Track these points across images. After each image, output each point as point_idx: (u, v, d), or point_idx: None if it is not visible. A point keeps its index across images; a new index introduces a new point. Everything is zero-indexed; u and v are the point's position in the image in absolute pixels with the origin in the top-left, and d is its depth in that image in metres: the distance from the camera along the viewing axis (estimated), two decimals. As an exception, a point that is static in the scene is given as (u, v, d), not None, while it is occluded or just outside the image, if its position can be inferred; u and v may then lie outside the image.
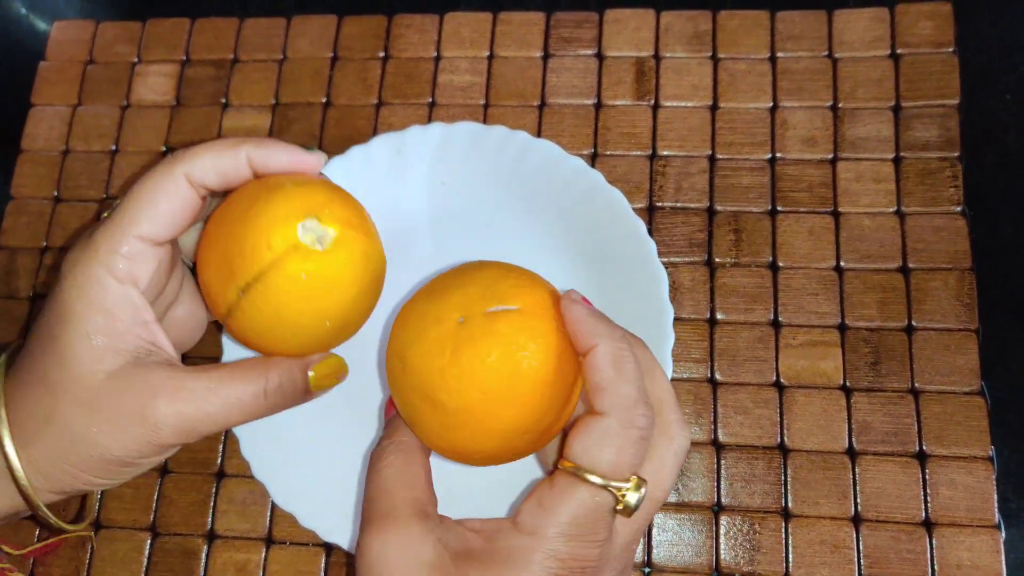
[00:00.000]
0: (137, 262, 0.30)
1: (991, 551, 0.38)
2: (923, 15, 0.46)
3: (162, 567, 0.41)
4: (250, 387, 0.31)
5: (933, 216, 0.43)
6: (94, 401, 0.29)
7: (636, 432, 0.28)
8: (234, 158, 0.31)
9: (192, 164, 0.30)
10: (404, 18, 0.50)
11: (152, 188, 0.30)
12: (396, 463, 0.31)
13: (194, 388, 0.30)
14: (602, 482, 0.27)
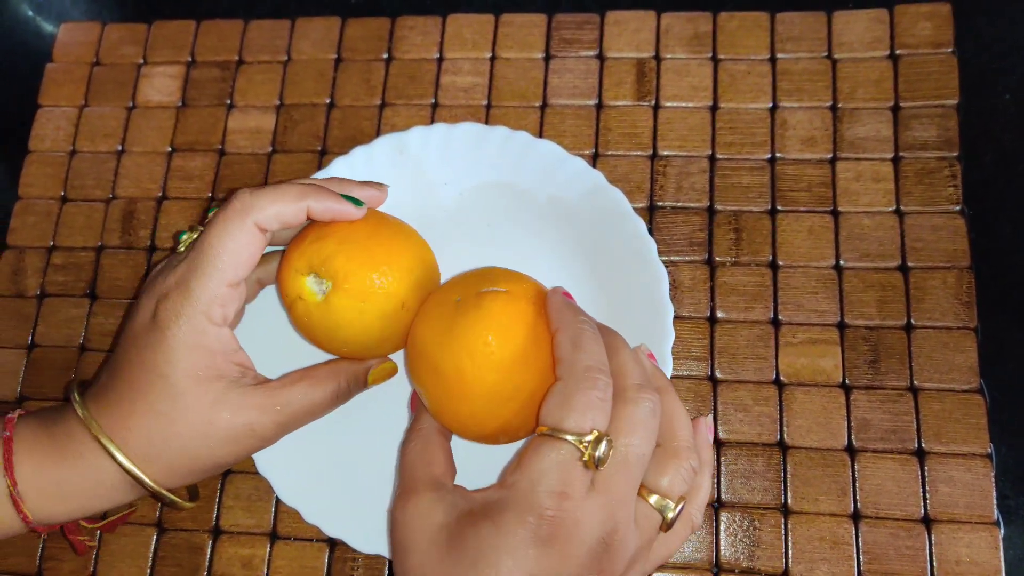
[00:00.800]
0: (228, 306, 0.35)
1: (990, 547, 0.38)
2: (922, 16, 0.46)
3: (169, 562, 0.42)
4: (329, 389, 0.37)
5: (932, 215, 0.43)
6: (208, 427, 0.35)
7: (590, 393, 0.31)
8: (296, 210, 0.35)
9: (262, 215, 0.35)
10: (407, 20, 0.50)
11: (231, 238, 0.35)
12: (417, 446, 0.35)
13: (288, 401, 0.36)
14: (561, 436, 0.30)
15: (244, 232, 0.35)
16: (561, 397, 0.31)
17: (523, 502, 0.30)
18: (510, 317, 0.34)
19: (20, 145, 0.51)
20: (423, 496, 0.33)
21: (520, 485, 0.30)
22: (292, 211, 0.35)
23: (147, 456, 0.34)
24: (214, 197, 0.48)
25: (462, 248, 0.43)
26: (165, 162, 0.49)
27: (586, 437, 0.30)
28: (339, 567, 0.41)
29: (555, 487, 0.30)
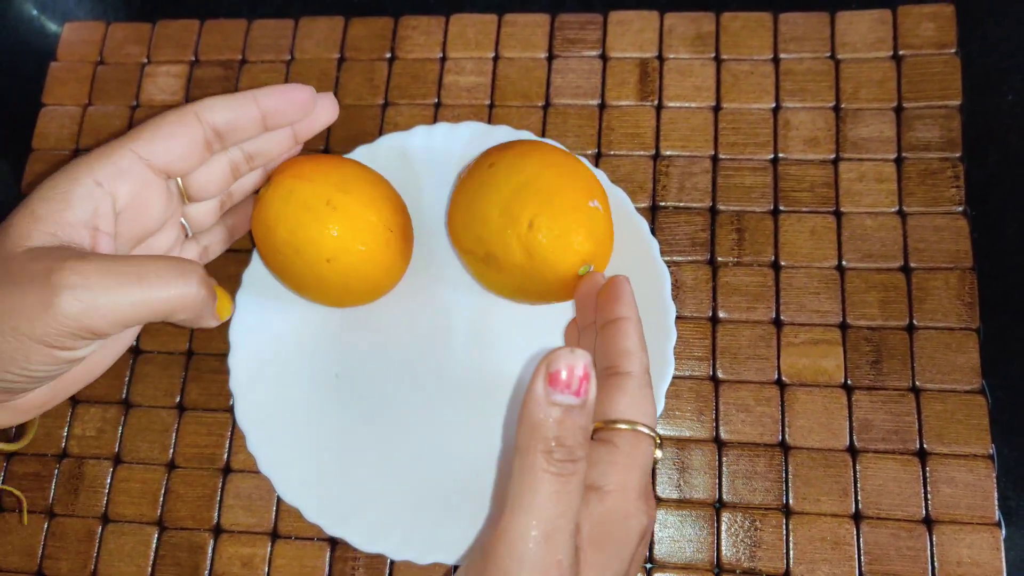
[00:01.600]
0: (123, 177, 0.32)
1: (991, 548, 0.38)
2: (925, 17, 0.46)
3: (169, 561, 0.42)
4: (175, 290, 0.31)
5: (934, 216, 0.43)
6: (6, 269, 0.29)
7: (651, 396, 0.32)
8: (247, 109, 0.34)
9: (205, 106, 0.33)
10: (410, 20, 0.50)
11: (162, 120, 0.33)
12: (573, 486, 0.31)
13: (112, 267, 0.30)
14: (651, 432, 0.31)
15: (182, 121, 0.33)
16: (641, 395, 0.32)
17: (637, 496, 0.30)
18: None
19: (24, 143, 0.51)
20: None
21: (632, 483, 0.30)
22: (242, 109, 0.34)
23: None
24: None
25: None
26: (168, 161, 0.49)
27: (659, 441, 0.32)
28: (340, 566, 0.41)
29: (648, 474, 0.31)
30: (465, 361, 0.41)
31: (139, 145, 0.32)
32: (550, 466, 0.27)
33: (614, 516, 0.30)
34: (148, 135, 0.33)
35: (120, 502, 0.43)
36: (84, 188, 0.31)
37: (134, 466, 0.44)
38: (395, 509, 0.39)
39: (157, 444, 0.44)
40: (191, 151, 0.34)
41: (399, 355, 0.41)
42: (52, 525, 0.43)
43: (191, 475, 0.43)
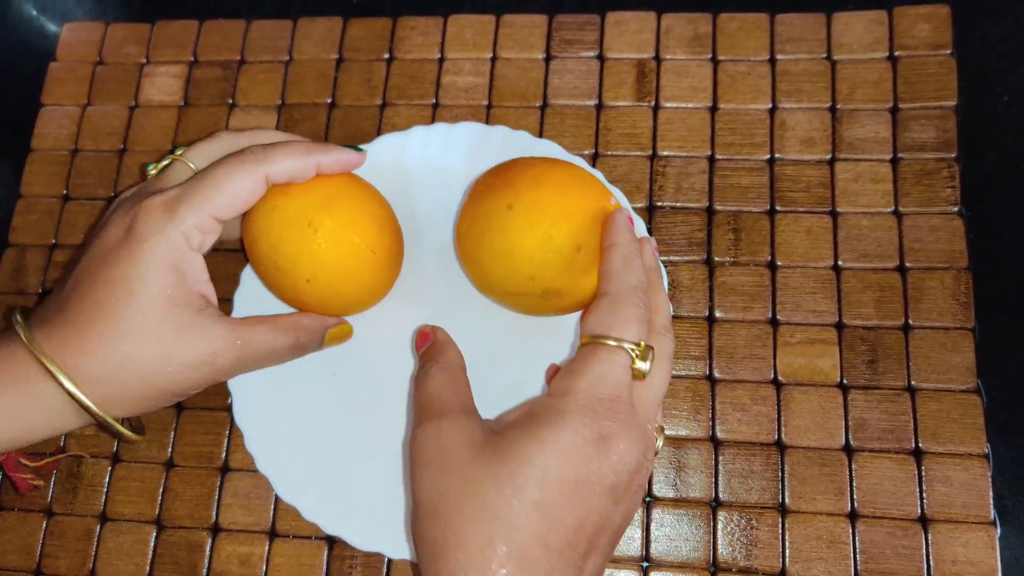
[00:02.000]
0: (207, 235, 0.35)
1: (986, 547, 0.38)
2: (921, 18, 0.46)
3: (167, 559, 0.42)
4: (288, 338, 0.37)
5: (930, 216, 0.43)
6: (170, 351, 0.34)
7: (637, 309, 0.33)
8: (305, 164, 0.37)
9: (274, 167, 0.36)
10: (408, 20, 0.50)
11: (236, 178, 0.35)
12: (442, 376, 0.35)
13: (249, 339, 0.36)
14: (616, 343, 0.32)
15: (251, 178, 0.35)
16: (611, 308, 0.33)
17: (585, 403, 0.31)
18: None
19: (23, 143, 0.51)
20: (458, 417, 0.33)
21: (577, 388, 0.31)
22: (301, 165, 0.36)
23: (98, 379, 0.34)
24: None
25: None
26: (167, 161, 0.50)
27: (638, 347, 0.32)
28: (337, 565, 0.41)
29: (613, 390, 0.31)
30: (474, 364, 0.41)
31: (219, 209, 0.35)
32: None
33: (548, 408, 0.31)
34: (221, 195, 0.35)
35: (118, 501, 0.43)
36: (189, 259, 0.35)
37: (132, 465, 0.44)
38: (392, 508, 0.39)
39: (155, 443, 0.44)
40: (249, 204, 0.36)
41: (395, 354, 0.42)
42: (51, 524, 0.43)
43: (189, 474, 0.43)
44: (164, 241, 0.34)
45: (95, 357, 0.33)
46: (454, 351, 0.37)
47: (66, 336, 0.34)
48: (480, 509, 0.29)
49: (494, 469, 0.30)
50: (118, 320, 0.33)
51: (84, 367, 0.33)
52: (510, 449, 0.30)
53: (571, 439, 0.30)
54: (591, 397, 0.31)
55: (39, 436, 0.35)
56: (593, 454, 0.30)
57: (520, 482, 0.29)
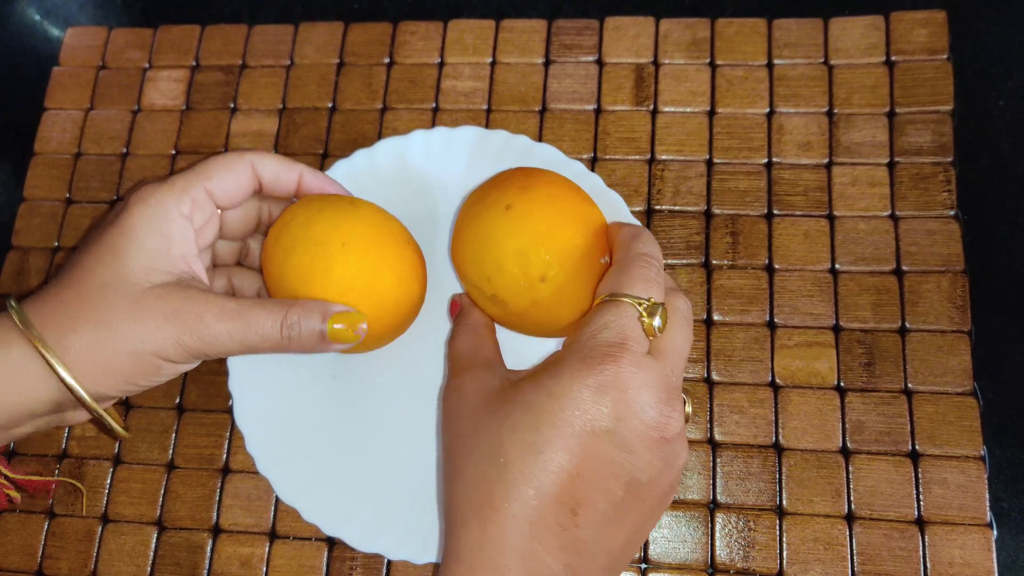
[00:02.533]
0: (198, 208, 0.36)
1: (983, 549, 0.38)
2: (918, 23, 0.47)
3: (168, 560, 0.42)
4: (271, 317, 0.35)
5: (926, 220, 0.44)
6: (140, 302, 0.33)
7: (647, 270, 0.33)
8: (291, 171, 0.38)
9: (259, 158, 0.37)
10: (409, 25, 0.51)
11: (225, 161, 0.36)
12: (467, 336, 0.38)
13: (225, 307, 0.34)
14: (623, 298, 0.32)
15: (240, 164, 0.37)
16: (619, 270, 0.33)
17: (583, 349, 0.31)
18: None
19: (26, 147, 0.52)
20: (478, 370, 0.35)
21: (581, 337, 0.31)
22: (286, 167, 0.38)
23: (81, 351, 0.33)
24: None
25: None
26: (169, 164, 0.50)
27: (644, 303, 0.32)
28: (337, 566, 0.41)
29: (615, 337, 0.31)
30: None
31: (211, 183, 0.36)
32: None
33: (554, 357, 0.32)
34: (214, 172, 0.36)
35: (120, 502, 0.43)
36: (178, 224, 0.35)
37: (134, 467, 0.44)
38: (392, 509, 0.39)
39: (157, 445, 0.44)
40: (241, 190, 0.37)
41: (396, 356, 0.42)
42: (52, 525, 0.43)
43: (190, 475, 0.43)
44: (153, 205, 0.34)
45: (79, 322, 0.33)
46: (477, 312, 0.39)
47: (56, 306, 0.33)
48: (477, 447, 0.31)
49: (498, 414, 0.31)
50: (104, 281, 0.34)
51: (69, 337, 0.33)
52: (515, 396, 0.31)
53: (567, 383, 0.30)
54: (590, 345, 0.31)
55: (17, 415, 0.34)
56: (589, 398, 0.30)
57: (516, 423, 0.30)
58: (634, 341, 0.31)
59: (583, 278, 0.36)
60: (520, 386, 0.32)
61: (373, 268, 0.36)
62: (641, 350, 0.31)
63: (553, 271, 0.35)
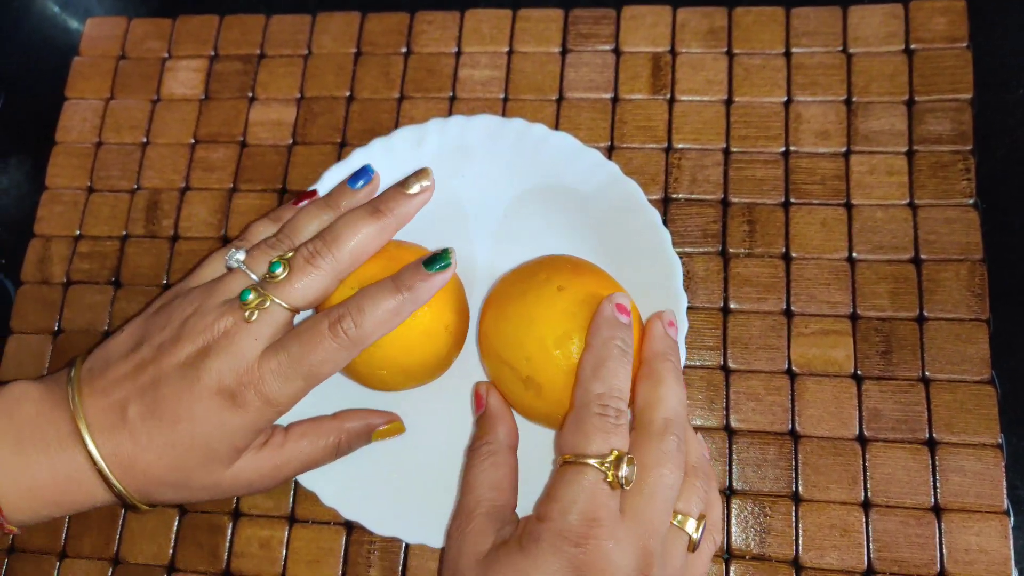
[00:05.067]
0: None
1: (1000, 536, 0.38)
2: (937, 11, 0.47)
3: (190, 542, 0.43)
4: (329, 444, 0.38)
5: (945, 208, 0.43)
6: (219, 485, 0.36)
7: (602, 419, 0.32)
8: (399, 309, 0.36)
9: (371, 335, 0.36)
10: (426, 15, 0.51)
11: (333, 359, 0.35)
12: (487, 468, 0.36)
13: (289, 459, 0.37)
14: (582, 460, 0.31)
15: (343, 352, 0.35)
16: (575, 424, 0.33)
17: (556, 530, 0.31)
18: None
19: (47, 137, 0.52)
20: (479, 523, 0.34)
21: (551, 514, 0.31)
22: (394, 310, 0.35)
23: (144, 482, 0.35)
24: (236, 188, 0.49)
25: (479, 239, 0.43)
26: (188, 153, 0.50)
27: (608, 459, 0.31)
28: (356, 549, 0.42)
29: (586, 512, 0.31)
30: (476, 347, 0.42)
31: (314, 382, 0.36)
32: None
33: (529, 534, 0.31)
34: (321, 374, 0.35)
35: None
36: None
37: (155, 451, 0.45)
38: (409, 493, 0.40)
39: (177, 430, 0.45)
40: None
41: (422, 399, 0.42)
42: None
43: (211, 460, 0.44)
44: (260, 419, 0.35)
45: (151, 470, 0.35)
46: (504, 427, 0.37)
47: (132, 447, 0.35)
48: None
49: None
50: (186, 457, 0.35)
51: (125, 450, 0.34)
52: (497, 569, 0.31)
53: (546, 572, 0.30)
54: (563, 525, 0.30)
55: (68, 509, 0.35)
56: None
57: None
58: (605, 514, 0.31)
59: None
60: (503, 562, 0.31)
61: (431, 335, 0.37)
62: (613, 518, 0.31)
63: None
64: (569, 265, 0.38)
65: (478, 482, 0.35)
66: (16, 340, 0.48)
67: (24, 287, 0.49)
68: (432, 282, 0.35)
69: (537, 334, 0.35)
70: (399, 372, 0.38)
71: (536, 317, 0.35)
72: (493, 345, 0.37)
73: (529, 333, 0.35)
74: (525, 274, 0.38)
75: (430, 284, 0.35)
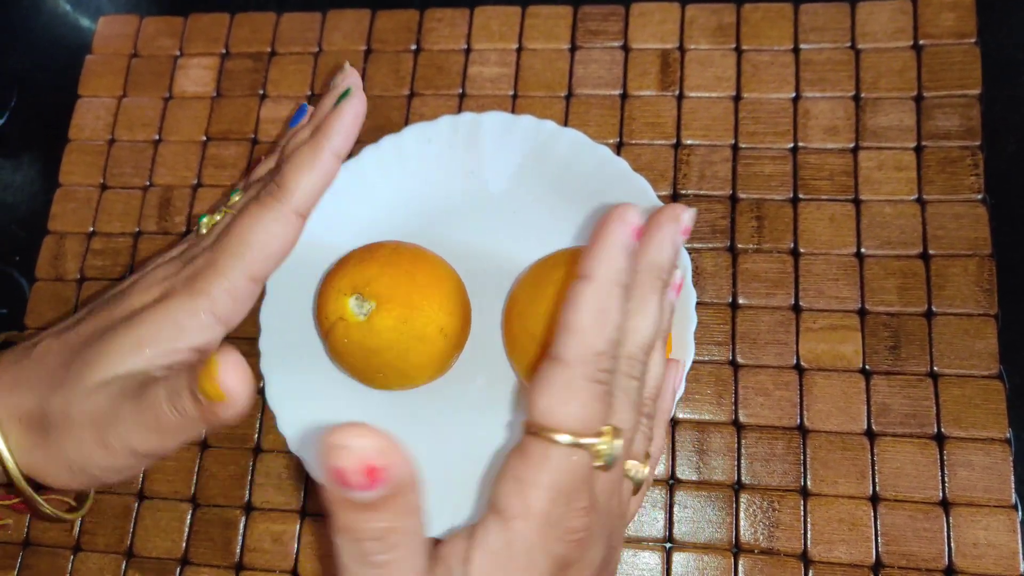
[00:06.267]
0: (239, 304, 0.33)
1: (1008, 530, 0.38)
2: (945, 7, 0.47)
3: (202, 536, 0.43)
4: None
5: (953, 204, 0.44)
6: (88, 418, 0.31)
7: (601, 388, 0.26)
8: (327, 171, 0.34)
9: (299, 197, 0.33)
10: (435, 12, 0.51)
11: (264, 232, 0.33)
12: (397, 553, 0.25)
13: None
14: (573, 440, 0.25)
15: (280, 223, 0.33)
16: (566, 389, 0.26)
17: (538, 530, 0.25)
18: None
19: (61, 134, 0.53)
20: None
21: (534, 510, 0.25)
22: (322, 175, 0.34)
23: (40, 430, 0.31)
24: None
25: (488, 234, 0.44)
26: (200, 150, 0.51)
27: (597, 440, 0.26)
28: (367, 543, 0.42)
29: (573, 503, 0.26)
30: (492, 341, 0.42)
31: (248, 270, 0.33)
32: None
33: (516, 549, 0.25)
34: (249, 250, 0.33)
35: (155, 480, 0.44)
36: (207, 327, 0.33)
37: (168, 445, 0.45)
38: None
39: (190, 424, 0.45)
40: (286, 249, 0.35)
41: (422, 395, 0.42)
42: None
43: (223, 454, 0.44)
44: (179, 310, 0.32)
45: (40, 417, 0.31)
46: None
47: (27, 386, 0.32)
48: None
49: None
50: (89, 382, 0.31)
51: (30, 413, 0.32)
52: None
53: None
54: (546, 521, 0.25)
55: None
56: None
57: None
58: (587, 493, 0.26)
59: None
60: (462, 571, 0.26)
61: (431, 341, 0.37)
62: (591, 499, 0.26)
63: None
64: None
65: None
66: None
67: (38, 283, 0.49)
68: (342, 114, 0.34)
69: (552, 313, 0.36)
70: (397, 375, 0.38)
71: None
72: (527, 324, 0.37)
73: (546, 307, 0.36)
74: (564, 259, 0.38)
75: (340, 116, 0.34)
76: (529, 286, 0.39)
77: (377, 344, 0.36)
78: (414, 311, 0.36)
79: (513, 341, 0.39)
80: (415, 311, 0.36)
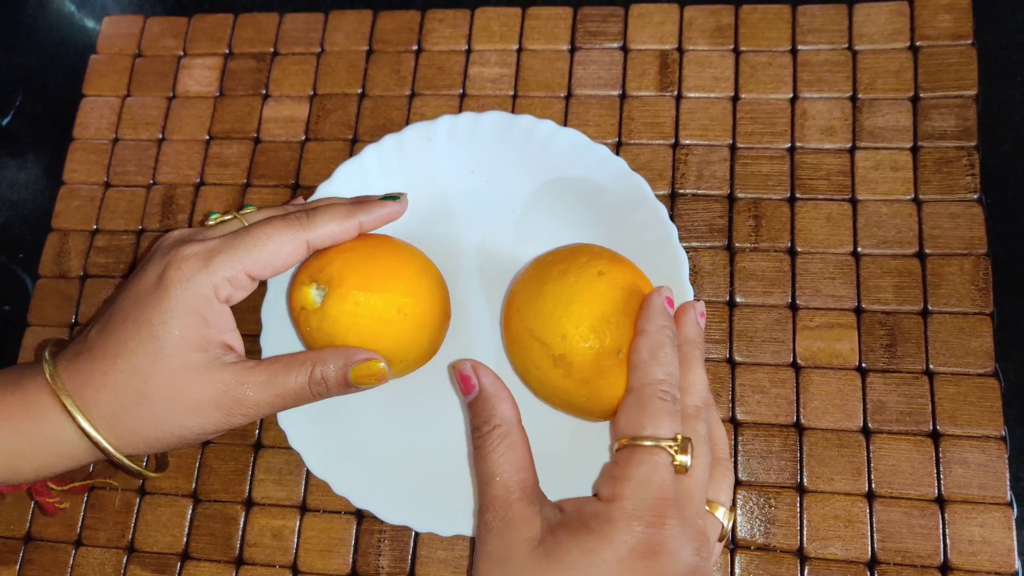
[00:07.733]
0: (238, 290, 0.36)
1: (1003, 528, 0.39)
2: (942, 8, 0.47)
3: (203, 531, 0.44)
4: (299, 378, 0.36)
5: (949, 203, 0.44)
6: (177, 394, 0.35)
7: (663, 404, 0.33)
8: (348, 229, 0.38)
9: (316, 233, 0.37)
10: (436, 13, 0.52)
11: (277, 241, 0.36)
12: (501, 448, 0.34)
13: (256, 382, 0.35)
14: (653, 443, 0.32)
15: (293, 243, 0.36)
16: (638, 406, 0.33)
17: (629, 511, 0.31)
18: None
19: (65, 133, 0.53)
20: (519, 509, 0.33)
21: (624, 494, 0.31)
22: (343, 229, 0.37)
23: (115, 417, 0.35)
24: (249, 183, 0.50)
25: (488, 233, 0.44)
26: (203, 150, 0.51)
27: (675, 443, 0.32)
28: (366, 538, 0.42)
29: (659, 492, 0.31)
30: (489, 339, 0.42)
31: (254, 267, 0.36)
32: None
33: (596, 515, 0.31)
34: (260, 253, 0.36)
35: (157, 475, 0.45)
36: (215, 308, 0.36)
37: (170, 441, 0.45)
38: (420, 483, 0.40)
39: (192, 420, 0.45)
40: (287, 265, 0.37)
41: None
42: (91, 497, 0.45)
43: (224, 450, 0.45)
44: (192, 290, 0.35)
45: (113, 393, 0.34)
46: (506, 406, 0.35)
47: (91, 371, 0.35)
48: None
49: (546, 574, 0.31)
50: (138, 360, 0.34)
51: (102, 403, 0.35)
52: (563, 556, 0.31)
53: (619, 551, 0.30)
54: (637, 505, 0.31)
55: (57, 469, 0.36)
56: (642, 568, 0.30)
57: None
58: (673, 491, 0.31)
59: None
60: (567, 545, 0.31)
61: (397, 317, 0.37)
62: (677, 500, 0.31)
63: (628, 350, 0.36)
64: (607, 253, 0.38)
65: (500, 468, 0.34)
66: (34, 333, 0.49)
67: (42, 281, 0.50)
68: (384, 204, 0.39)
69: (576, 314, 0.36)
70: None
71: (575, 298, 0.36)
72: (526, 321, 0.37)
73: (568, 312, 0.36)
74: (564, 256, 0.38)
75: (381, 204, 0.39)
76: (528, 283, 0.39)
77: (336, 329, 0.36)
78: (369, 293, 0.36)
79: (512, 338, 0.39)
80: (370, 293, 0.36)
